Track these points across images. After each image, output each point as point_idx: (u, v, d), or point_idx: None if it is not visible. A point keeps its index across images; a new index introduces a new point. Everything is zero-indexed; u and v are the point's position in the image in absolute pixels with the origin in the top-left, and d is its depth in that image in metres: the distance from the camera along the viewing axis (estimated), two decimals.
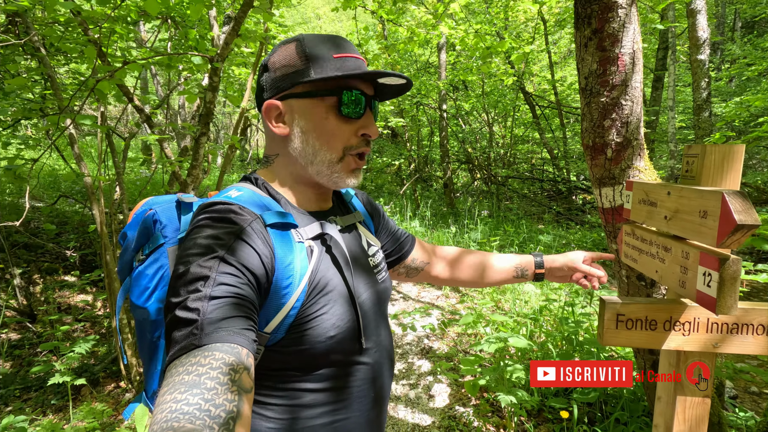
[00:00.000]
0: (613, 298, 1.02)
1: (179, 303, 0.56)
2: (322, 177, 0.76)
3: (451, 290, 4.15)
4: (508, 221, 6.49)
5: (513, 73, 6.02)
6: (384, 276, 0.88)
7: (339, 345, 0.71)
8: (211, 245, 0.61)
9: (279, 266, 0.66)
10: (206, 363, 0.50)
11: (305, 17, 20.46)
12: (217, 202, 0.69)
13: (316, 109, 0.74)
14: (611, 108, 1.35)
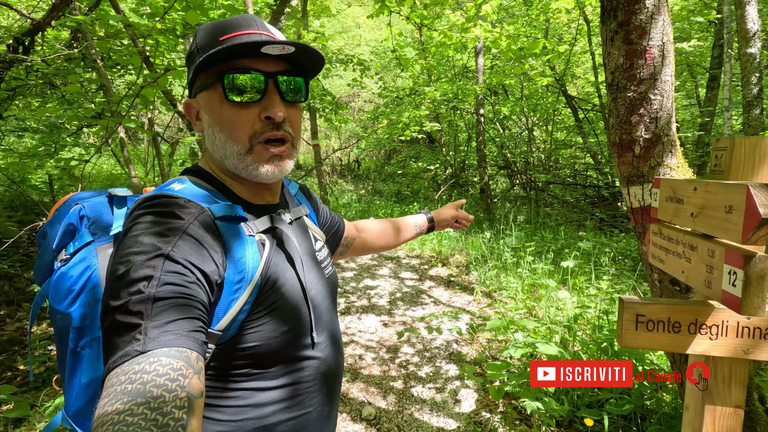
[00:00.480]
0: (633, 298, 0.98)
1: (120, 306, 0.52)
2: (240, 171, 0.71)
3: (483, 296, 4.07)
4: (546, 227, 6.29)
5: (551, 75, 5.85)
6: (331, 270, 0.88)
7: (292, 340, 0.70)
8: (155, 242, 0.56)
9: (231, 261, 0.63)
10: (151, 370, 0.47)
11: (345, 26, 20.87)
12: (158, 195, 0.64)
13: (211, 100, 0.69)
14: (639, 103, 1.30)
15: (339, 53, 6.69)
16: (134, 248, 0.56)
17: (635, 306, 0.96)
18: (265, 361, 0.67)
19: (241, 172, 0.71)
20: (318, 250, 0.86)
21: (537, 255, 4.64)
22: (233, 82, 0.66)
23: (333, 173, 14.34)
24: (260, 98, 0.68)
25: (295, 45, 0.65)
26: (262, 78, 0.67)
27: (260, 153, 0.70)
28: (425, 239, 6.11)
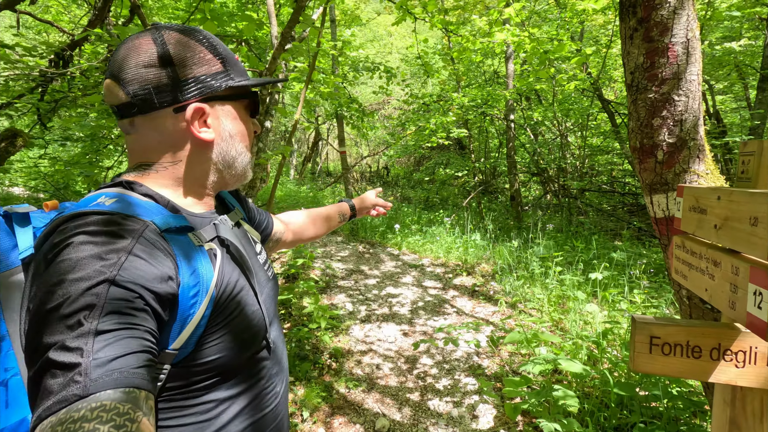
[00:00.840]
0: (646, 318, 0.89)
1: (54, 343, 0.45)
2: (235, 178, 0.76)
3: (507, 307, 3.93)
4: (578, 237, 6.03)
5: (584, 78, 5.63)
6: (272, 270, 0.88)
7: (250, 347, 0.69)
8: (97, 266, 0.50)
9: (184, 276, 0.58)
10: (93, 417, 0.42)
11: (377, 35, 21.08)
12: (88, 212, 0.56)
13: (239, 112, 0.75)
14: (661, 105, 1.20)
15: (365, 61, 6.74)
16: (70, 274, 0.49)
17: (649, 327, 0.87)
18: (224, 373, 0.65)
19: (235, 179, 0.76)
20: (259, 253, 0.85)
21: (567, 265, 4.45)
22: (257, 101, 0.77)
23: (362, 180, 14.43)
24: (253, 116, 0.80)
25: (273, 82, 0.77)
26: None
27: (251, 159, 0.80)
28: (451, 247, 6.00)
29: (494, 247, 5.73)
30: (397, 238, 6.69)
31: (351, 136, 14.07)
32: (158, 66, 0.63)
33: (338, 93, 5.82)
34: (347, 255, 6.00)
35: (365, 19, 11.39)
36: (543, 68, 2.83)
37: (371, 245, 6.64)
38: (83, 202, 0.61)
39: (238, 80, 0.71)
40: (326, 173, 14.83)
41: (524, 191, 12.00)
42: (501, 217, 9.01)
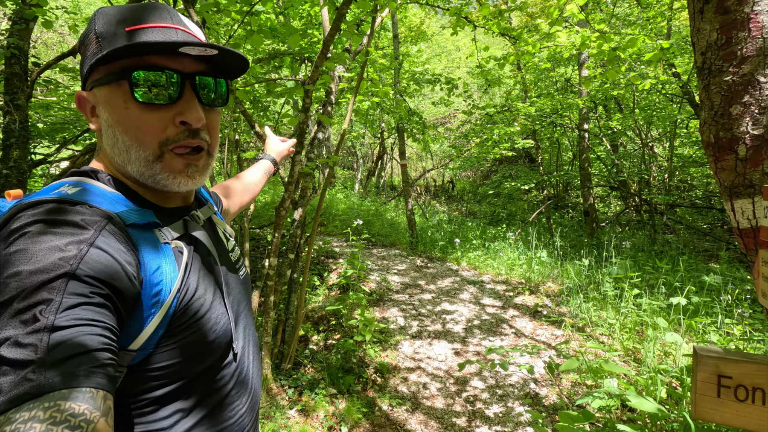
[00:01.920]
0: (713, 350, 0.69)
1: (6, 339, 0.43)
2: (146, 179, 0.62)
3: (573, 330, 3.56)
4: (665, 256, 5.37)
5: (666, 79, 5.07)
6: (244, 271, 0.83)
7: (213, 353, 0.63)
8: (54, 259, 0.46)
9: (146, 273, 0.55)
10: (47, 417, 0.39)
11: (445, 49, 21.11)
12: (47, 200, 0.53)
13: (114, 97, 0.59)
14: (741, 89, 0.98)
15: (425, 73, 6.70)
16: (25, 266, 0.46)
17: (716, 362, 0.68)
18: (181, 380, 0.60)
19: (147, 180, 0.62)
20: (231, 251, 0.79)
21: (647, 288, 3.95)
22: (143, 80, 0.57)
23: (426, 193, 14.32)
24: (175, 101, 0.59)
25: (218, 48, 0.58)
26: (177, 78, 0.59)
27: (171, 162, 0.61)
28: (515, 263, 5.65)
29: (562, 265, 5.29)
30: (457, 252, 6.47)
31: (415, 150, 14.09)
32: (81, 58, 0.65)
33: (398, 107, 5.83)
34: (404, 268, 5.91)
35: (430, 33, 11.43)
36: (612, 68, 2.54)
37: (430, 259, 6.49)
38: (44, 190, 0.58)
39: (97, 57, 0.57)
40: (390, 187, 14.95)
41: (602, 206, 11.08)
42: (573, 233, 8.38)
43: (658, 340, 2.89)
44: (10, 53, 2.62)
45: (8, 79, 2.61)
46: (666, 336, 2.59)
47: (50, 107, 3.03)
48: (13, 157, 2.49)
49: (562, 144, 10.75)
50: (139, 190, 0.64)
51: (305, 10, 3.89)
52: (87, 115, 0.65)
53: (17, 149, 2.52)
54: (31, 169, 2.77)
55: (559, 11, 2.68)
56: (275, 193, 9.45)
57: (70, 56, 2.60)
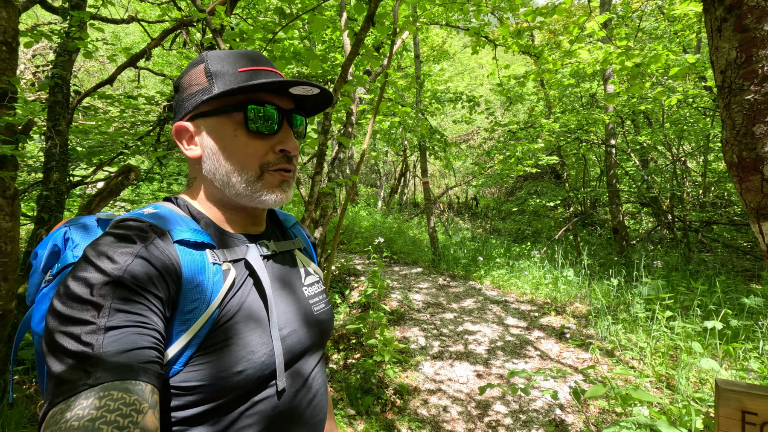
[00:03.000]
0: (737, 384, 0.65)
1: (68, 334, 0.49)
2: (243, 198, 0.69)
3: (601, 354, 3.42)
4: (700, 276, 5.12)
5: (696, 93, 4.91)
6: (322, 308, 0.79)
7: (247, 383, 0.61)
8: (107, 267, 0.53)
9: (185, 287, 0.59)
10: (102, 405, 0.44)
11: (467, 67, 21.24)
12: (125, 219, 0.62)
13: (223, 126, 0.68)
14: (764, 108, 0.95)
15: (447, 92, 6.74)
16: (84, 272, 0.53)
17: (739, 397, 0.64)
18: (211, 404, 0.59)
19: (244, 199, 0.69)
20: (307, 285, 0.79)
21: (680, 310, 3.77)
22: (253, 113, 0.67)
23: (449, 210, 14.23)
24: (275, 132, 0.70)
25: (320, 88, 0.69)
26: (278, 113, 0.70)
27: (270, 180, 0.70)
28: (540, 282, 5.51)
29: (590, 284, 5.12)
30: (480, 271, 6.36)
31: (438, 167, 14.09)
32: (176, 92, 0.74)
33: (420, 125, 5.87)
34: (426, 287, 5.85)
35: (452, 52, 11.55)
36: (635, 84, 2.49)
37: (452, 278, 6.40)
38: (134, 212, 0.67)
39: (215, 92, 0.67)
40: (413, 204, 14.95)
41: (634, 224, 10.71)
42: (602, 251, 8.11)
43: (693, 366, 2.74)
44: (53, 83, 2.81)
45: (51, 107, 2.79)
46: (701, 362, 2.46)
47: (88, 132, 3.23)
48: (53, 179, 2.65)
49: (589, 160, 10.53)
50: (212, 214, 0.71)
51: (327, 35, 4.02)
52: (183, 143, 0.72)
53: (57, 172, 2.68)
54: (69, 190, 2.94)
55: (579, 29, 2.67)
56: (298, 211, 9.60)
57: (108, 84, 2.78)
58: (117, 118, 3.39)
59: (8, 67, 2.30)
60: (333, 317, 0.83)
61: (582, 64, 4.06)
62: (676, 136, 7.55)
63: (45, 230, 2.53)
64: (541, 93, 7.56)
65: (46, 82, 2.78)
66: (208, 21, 2.50)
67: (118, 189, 2.84)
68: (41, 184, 2.70)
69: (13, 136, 2.36)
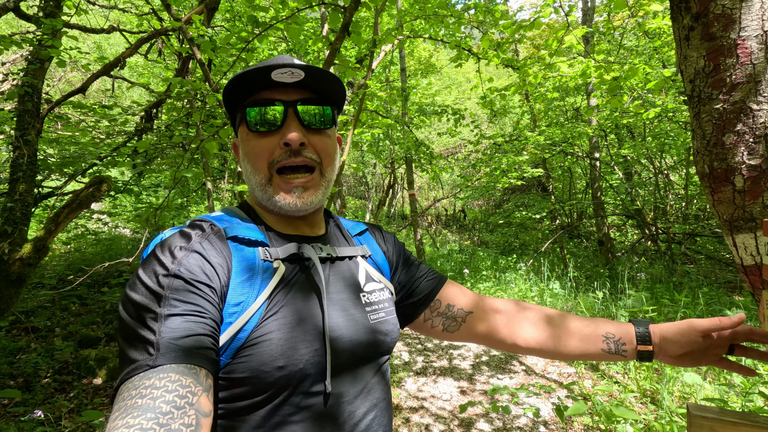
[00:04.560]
0: (708, 408, 0.61)
1: (134, 320, 0.54)
2: (264, 201, 0.72)
3: (586, 367, 3.38)
4: (684, 288, 5.14)
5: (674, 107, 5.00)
6: (382, 317, 0.74)
7: (290, 379, 0.59)
8: (165, 263, 0.58)
9: (233, 281, 0.61)
10: (161, 385, 0.48)
11: (455, 81, 21.51)
12: (195, 219, 0.69)
13: (242, 133, 0.72)
14: (734, 117, 0.92)
15: (432, 105, 6.78)
16: (150, 265, 0.58)
17: (712, 424, 0.59)
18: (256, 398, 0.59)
19: (266, 203, 0.72)
20: (367, 292, 0.76)
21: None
22: (253, 113, 0.68)
23: (437, 223, 14.23)
24: (279, 126, 0.68)
25: (303, 69, 0.65)
26: (281, 107, 0.68)
27: (279, 184, 0.69)
28: (527, 295, 5.47)
29: (576, 297, 5.10)
30: (467, 284, 6.32)
31: (425, 180, 14.13)
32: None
33: (405, 137, 5.87)
34: None
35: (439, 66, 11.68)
36: (614, 97, 2.51)
37: None
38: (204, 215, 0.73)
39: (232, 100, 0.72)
40: (401, 216, 14.93)
41: (619, 236, 10.81)
42: (588, 263, 8.14)
43: (677, 380, 2.70)
44: (23, 91, 2.73)
45: (20, 116, 2.71)
46: (685, 376, 2.42)
47: (59, 142, 3.14)
48: (18, 190, 2.55)
49: (575, 172, 10.64)
50: (266, 217, 0.75)
51: (311, 47, 4.01)
52: (238, 158, 0.77)
53: (24, 183, 2.58)
54: (36, 203, 2.84)
55: (558, 42, 2.69)
56: None
57: (80, 93, 2.70)
58: (91, 128, 3.30)
59: None
60: (396, 329, 0.78)
61: (564, 77, 4.10)
62: (658, 149, 7.68)
63: (7, 243, 2.42)
64: (526, 106, 7.65)
65: (15, 90, 2.70)
66: (184, 30, 2.45)
67: (89, 201, 2.74)
68: (6, 196, 2.59)
69: None
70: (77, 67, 6.32)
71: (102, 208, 5.93)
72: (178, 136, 3.36)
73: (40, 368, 3.53)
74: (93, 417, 2.40)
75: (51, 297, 4.19)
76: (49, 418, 2.70)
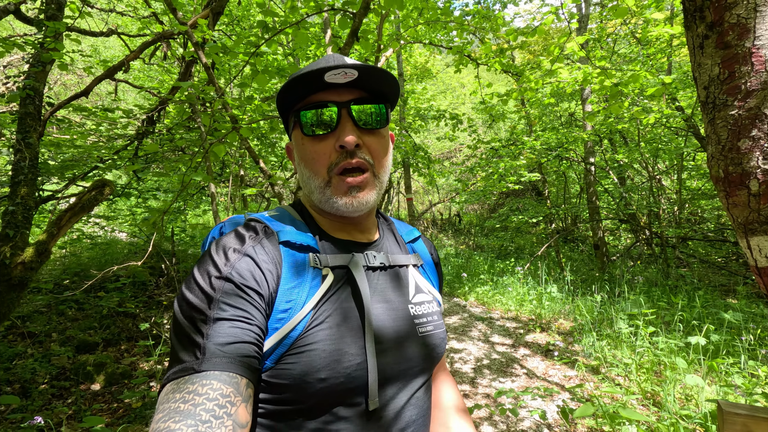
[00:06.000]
0: (738, 405, 0.63)
1: (185, 321, 0.55)
2: (323, 204, 0.70)
3: (587, 371, 3.40)
4: (679, 291, 5.20)
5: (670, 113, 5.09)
6: (430, 330, 0.73)
7: (331, 392, 0.58)
8: (218, 264, 0.59)
9: (282, 287, 0.61)
10: (203, 392, 0.49)
11: (449, 86, 21.65)
12: (250, 219, 0.70)
13: (297, 138, 0.71)
14: (749, 123, 0.95)
15: (430, 109, 6.83)
16: (205, 265, 0.59)
17: (745, 421, 0.61)
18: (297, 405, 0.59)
19: (323, 205, 0.70)
20: (416, 303, 0.74)
21: (662, 325, 3.80)
22: (307, 116, 0.67)
23: (433, 227, 14.27)
24: (334, 129, 0.67)
25: (357, 68, 0.64)
26: (335, 109, 0.66)
27: (338, 185, 0.68)
28: (524, 298, 5.51)
29: (573, 300, 5.14)
30: (465, 288, 6.34)
31: (421, 184, 14.18)
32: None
33: (404, 142, 5.90)
34: None
35: (435, 71, 11.76)
36: (614, 103, 2.55)
37: None
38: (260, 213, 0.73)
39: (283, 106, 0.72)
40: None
41: (613, 240, 10.91)
42: (583, 267, 8.21)
43: (678, 382, 2.73)
44: (25, 94, 2.71)
45: (22, 119, 2.68)
46: (687, 378, 2.45)
47: (61, 145, 3.12)
48: (20, 194, 2.52)
49: (569, 177, 10.75)
50: (320, 220, 0.74)
51: (312, 52, 4.02)
52: (293, 161, 0.77)
53: (25, 186, 2.55)
54: (38, 206, 2.81)
55: (560, 49, 2.73)
56: None
57: (83, 96, 2.69)
58: (93, 131, 3.28)
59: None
60: (444, 342, 0.76)
61: (562, 83, 4.15)
62: (652, 154, 7.79)
63: (9, 247, 2.39)
64: (522, 111, 7.73)
65: (17, 93, 2.68)
66: (190, 34, 2.46)
67: (92, 204, 2.72)
68: (7, 199, 2.57)
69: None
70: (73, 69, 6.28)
71: (98, 212, 5.88)
72: (180, 139, 3.35)
73: (37, 374, 3.48)
74: (94, 423, 2.38)
75: (47, 301, 4.13)
76: (49, 425, 2.67)
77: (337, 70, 0.63)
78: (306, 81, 0.65)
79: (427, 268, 0.83)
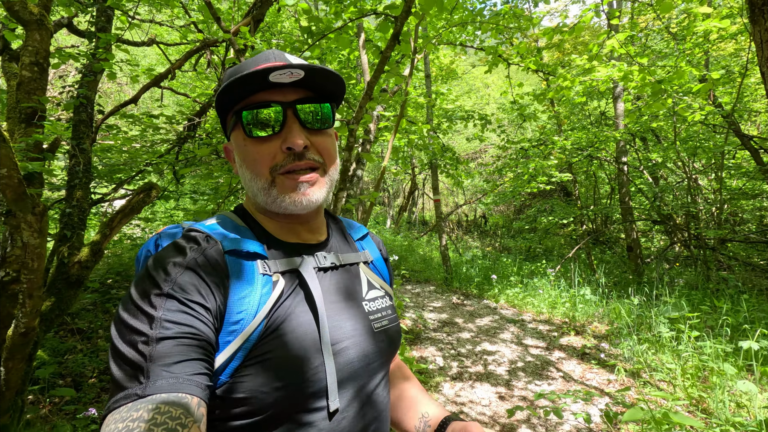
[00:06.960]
0: None
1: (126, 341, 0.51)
2: (269, 205, 0.67)
3: (627, 375, 3.32)
4: (722, 295, 5.00)
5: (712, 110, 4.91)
6: (386, 325, 0.73)
7: (292, 399, 0.58)
8: (158, 279, 0.55)
9: (231, 298, 0.58)
10: (149, 418, 0.45)
11: (474, 87, 21.48)
12: (189, 229, 0.64)
13: (238, 138, 0.67)
14: None
15: (458, 110, 6.81)
16: (142, 283, 0.55)
17: None
18: (255, 421, 0.57)
19: (270, 206, 0.67)
20: (369, 300, 0.74)
21: (706, 330, 3.66)
22: (250, 117, 0.63)
23: (458, 228, 14.17)
24: (280, 130, 0.64)
25: (303, 68, 0.61)
26: (279, 109, 0.63)
27: (283, 183, 0.65)
28: (557, 301, 5.41)
29: (608, 303, 5.02)
30: (495, 290, 6.28)
31: (447, 186, 14.11)
32: None
33: (432, 143, 5.90)
34: (440, 306, 5.77)
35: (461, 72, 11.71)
36: (658, 100, 2.48)
37: (466, 296, 6.32)
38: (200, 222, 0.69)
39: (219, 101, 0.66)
40: (422, 222, 14.92)
41: (645, 242, 10.57)
42: (616, 270, 7.99)
43: (727, 388, 2.64)
44: (78, 102, 2.86)
45: (75, 126, 2.83)
46: (738, 384, 2.36)
47: (110, 150, 3.28)
48: (76, 196, 2.66)
49: (599, 177, 10.48)
50: (266, 224, 0.71)
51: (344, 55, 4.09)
52: (232, 162, 0.74)
53: (80, 189, 2.69)
54: (90, 208, 2.96)
55: (599, 46, 2.69)
56: None
57: (132, 103, 2.82)
58: (138, 137, 3.43)
59: (39, 87, 2.35)
60: (399, 335, 0.77)
61: (595, 82, 4.07)
62: (689, 153, 7.52)
63: (66, 247, 2.53)
64: (551, 111, 7.60)
65: (71, 101, 2.83)
66: (233, 42, 2.54)
67: (140, 206, 2.84)
68: (64, 202, 2.71)
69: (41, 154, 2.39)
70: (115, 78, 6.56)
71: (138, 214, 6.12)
72: (219, 144, 3.47)
73: (86, 368, 3.66)
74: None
75: (94, 300, 4.33)
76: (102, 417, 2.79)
77: (282, 70, 0.59)
78: (249, 81, 0.61)
79: (378, 264, 0.83)
